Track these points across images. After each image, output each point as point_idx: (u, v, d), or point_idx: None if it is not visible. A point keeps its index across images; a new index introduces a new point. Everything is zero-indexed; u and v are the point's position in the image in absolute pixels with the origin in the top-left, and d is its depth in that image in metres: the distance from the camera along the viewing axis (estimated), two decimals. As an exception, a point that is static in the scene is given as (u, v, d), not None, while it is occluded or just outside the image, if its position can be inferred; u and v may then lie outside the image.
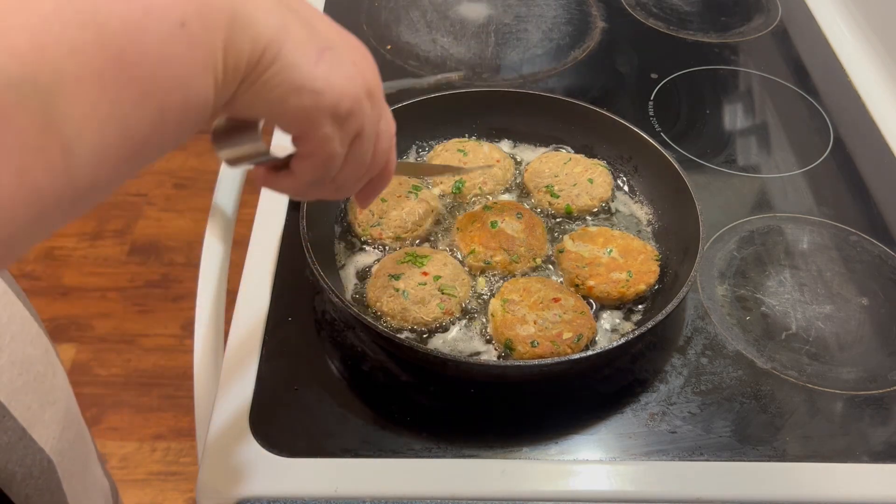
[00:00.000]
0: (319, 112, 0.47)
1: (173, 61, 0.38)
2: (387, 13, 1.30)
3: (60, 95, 0.34)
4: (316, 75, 0.46)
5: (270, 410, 0.76)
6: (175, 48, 0.38)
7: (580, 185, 0.94)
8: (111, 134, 0.36)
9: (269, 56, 0.43)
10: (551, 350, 0.77)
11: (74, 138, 0.35)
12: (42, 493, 0.74)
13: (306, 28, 0.46)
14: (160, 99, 0.38)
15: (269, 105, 0.46)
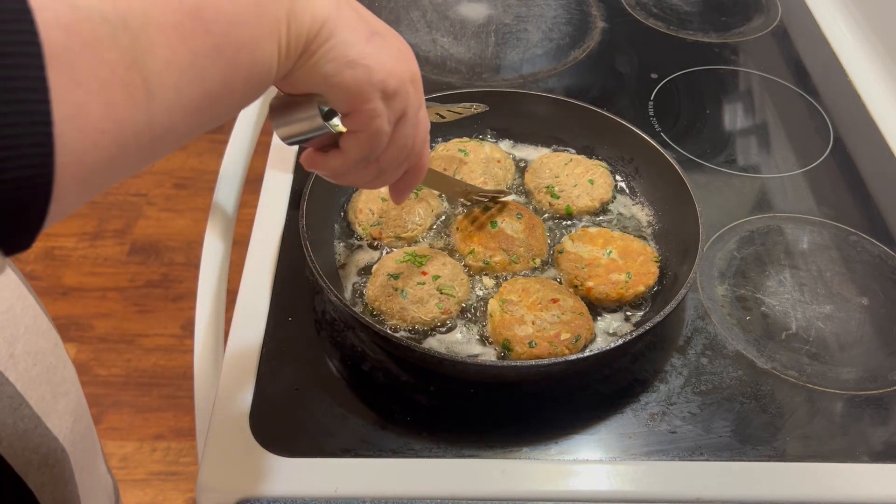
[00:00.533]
0: (370, 86, 0.51)
1: (244, 24, 0.42)
2: (387, 13, 1.30)
3: (146, 37, 0.36)
4: (367, 52, 0.50)
5: (270, 410, 0.76)
6: (245, 13, 0.42)
7: (581, 186, 0.94)
8: (188, 81, 0.39)
9: (326, 32, 0.47)
10: (549, 351, 0.77)
11: (156, 79, 0.37)
12: (56, 481, 0.75)
13: (355, 13, 0.50)
14: (231, 56, 0.42)
15: (325, 78, 0.49)
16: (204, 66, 0.40)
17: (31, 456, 0.71)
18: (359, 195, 0.92)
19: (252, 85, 0.45)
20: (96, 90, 0.35)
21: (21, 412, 0.69)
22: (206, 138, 2.64)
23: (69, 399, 0.80)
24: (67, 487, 0.78)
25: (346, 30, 0.49)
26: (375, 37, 0.51)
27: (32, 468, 0.71)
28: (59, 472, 0.76)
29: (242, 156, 1.09)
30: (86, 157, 0.35)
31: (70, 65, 0.33)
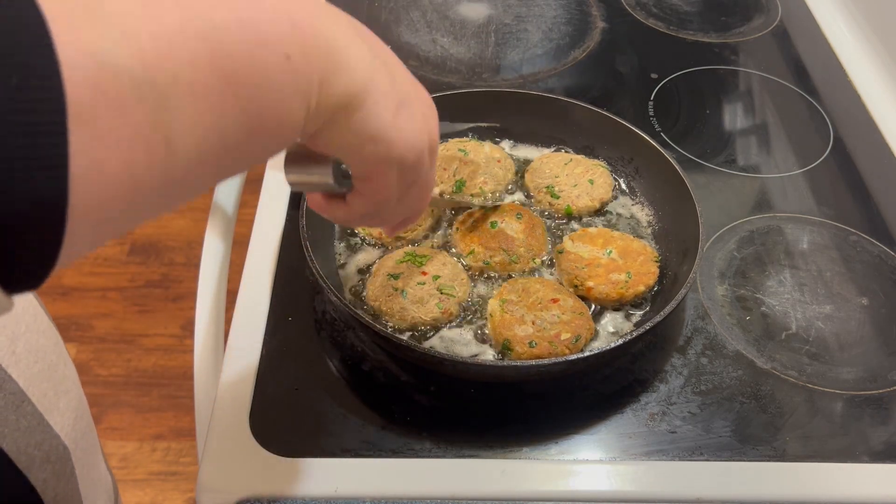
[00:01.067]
0: (389, 161, 0.51)
1: (274, 88, 0.42)
2: (387, 13, 1.31)
3: (173, 99, 0.37)
4: (392, 127, 0.50)
5: (270, 410, 0.76)
6: (278, 77, 0.42)
7: (581, 186, 0.94)
8: (210, 141, 0.40)
9: (357, 103, 0.47)
10: (549, 351, 0.77)
11: (178, 139, 0.38)
12: (58, 478, 0.75)
13: (389, 78, 0.50)
14: (257, 118, 0.42)
15: (347, 147, 0.50)
16: (228, 126, 0.40)
17: (34, 452, 0.72)
18: (359, 195, 0.92)
19: (275, 144, 0.45)
20: (116, 147, 0.35)
21: (24, 409, 0.70)
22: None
23: (70, 397, 0.80)
24: (69, 484, 0.78)
25: (377, 102, 0.48)
26: (402, 109, 0.51)
27: (35, 465, 0.72)
28: (60, 468, 0.76)
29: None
30: (100, 207, 0.35)
31: (93, 122, 0.33)
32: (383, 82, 0.49)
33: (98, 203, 0.35)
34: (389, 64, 0.51)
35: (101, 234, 0.37)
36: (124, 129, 0.35)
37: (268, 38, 0.41)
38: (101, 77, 0.33)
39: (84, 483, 0.82)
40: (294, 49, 0.42)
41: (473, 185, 0.94)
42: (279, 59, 0.41)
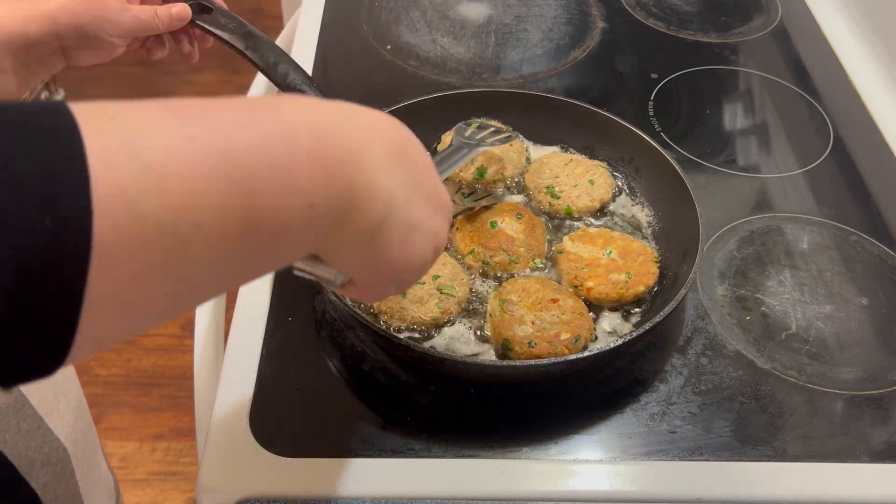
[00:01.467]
0: (386, 278, 0.54)
1: (291, 234, 0.43)
2: (387, 13, 1.31)
3: (193, 244, 0.38)
4: (397, 258, 0.51)
5: (270, 410, 0.76)
6: (297, 224, 0.43)
7: (581, 187, 0.94)
8: (221, 276, 0.42)
9: (367, 237, 0.48)
10: (548, 351, 0.77)
11: (190, 276, 0.39)
12: (59, 480, 0.75)
13: (406, 207, 0.50)
14: (268, 255, 0.44)
15: (352, 267, 0.52)
16: (239, 266, 0.42)
17: (34, 455, 0.72)
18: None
19: (282, 265, 0.47)
20: (130, 284, 0.36)
21: (24, 412, 0.70)
22: (206, 138, 2.64)
23: (70, 398, 0.80)
24: (69, 485, 0.78)
25: (387, 234, 0.49)
26: (412, 235, 0.51)
27: (35, 467, 0.72)
28: (60, 470, 0.76)
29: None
30: (105, 331, 0.37)
31: (113, 261, 0.34)
32: (398, 216, 0.49)
33: (104, 329, 0.37)
34: (412, 181, 0.51)
35: (103, 346, 0.39)
36: (141, 269, 0.36)
37: (297, 187, 0.41)
38: (128, 223, 0.35)
39: (85, 484, 0.82)
40: (319, 198, 0.43)
41: (495, 171, 0.94)
42: (303, 207, 0.42)
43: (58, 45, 0.75)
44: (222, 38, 0.90)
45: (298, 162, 0.42)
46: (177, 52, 0.91)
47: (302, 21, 1.28)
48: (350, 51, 1.23)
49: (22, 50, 0.72)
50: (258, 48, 0.91)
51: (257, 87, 1.20)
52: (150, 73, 2.86)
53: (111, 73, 2.84)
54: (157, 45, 0.87)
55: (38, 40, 0.72)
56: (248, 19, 0.93)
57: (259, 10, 3.06)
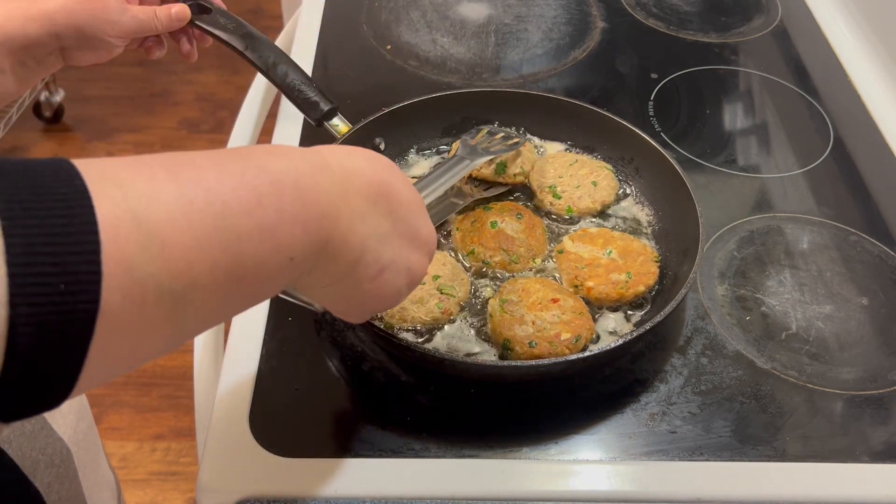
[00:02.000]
0: (359, 309, 0.59)
1: (273, 283, 0.49)
2: (387, 13, 1.31)
3: (188, 299, 0.42)
4: (368, 292, 0.56)
5: (270, 410, 0.76)
6: (279, 275, 0.48)
7: (583, 188, 0.94)
8: (210, 321, 0.46)
9: (339, 278, 0.54)
10: (549, 351, 0.77)
11: (183, 325, 0.43)
12: (62, 481, 0.76)
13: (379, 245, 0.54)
14: (252, 299, 0.48)
15: (323, 299, 0.58)
16: (225, 308, 0.47)
17: (38, 456, 0.72)
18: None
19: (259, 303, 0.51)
20: (129, 337, 0.40)
21: None
22: (205, 138, 2.64)
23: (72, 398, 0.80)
24: (73, 485, 0.78)
25: (359, 273, 0.54)
26: (384, 273, 0.56)
27: (39, 468, 0.72)
28: (64, 471, 0.76)
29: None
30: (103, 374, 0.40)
31: (116, 321, 0.38)
32: (370, 257, 0.54)
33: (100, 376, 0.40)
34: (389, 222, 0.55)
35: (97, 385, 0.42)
36: (141, 323, 0.40)
37: (281, 246, 0.46)
38: (132, 286, 0.38)
39: (87, 483, 0.82)
40: (298, 252, 0.48)
41: (514, 165, 0.94)
42: (284, 261, 0.47)
43: (56, 45, 0.74)
44: (221, 38, 0.90)
45: (283, 223, 0.46)
46: (176, 51, 0.91)
47: (302, 21, 1.28)
48: (350, 51, 1.23)
49: (20, 50, 0.72)
50: (257, 48, 0.91)
51: (257, 87, 1.20)
52: (149, 73, 2.86)
53: (111, 73, 2.84)
54: (156, 45, 0.87)
55: (37, 40, 0.72)
56: (247, 19, 0.93)
57: (259, 10, 3.06)
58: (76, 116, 2.70)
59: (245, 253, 0.44)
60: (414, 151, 1.00)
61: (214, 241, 0.42)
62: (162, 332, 0.42)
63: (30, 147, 2.62)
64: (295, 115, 0.97)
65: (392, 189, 0.55)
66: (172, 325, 0.42)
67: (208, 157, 0.45)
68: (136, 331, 0.40)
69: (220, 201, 0.43)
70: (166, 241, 0.40)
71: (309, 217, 0.48)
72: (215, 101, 2.77)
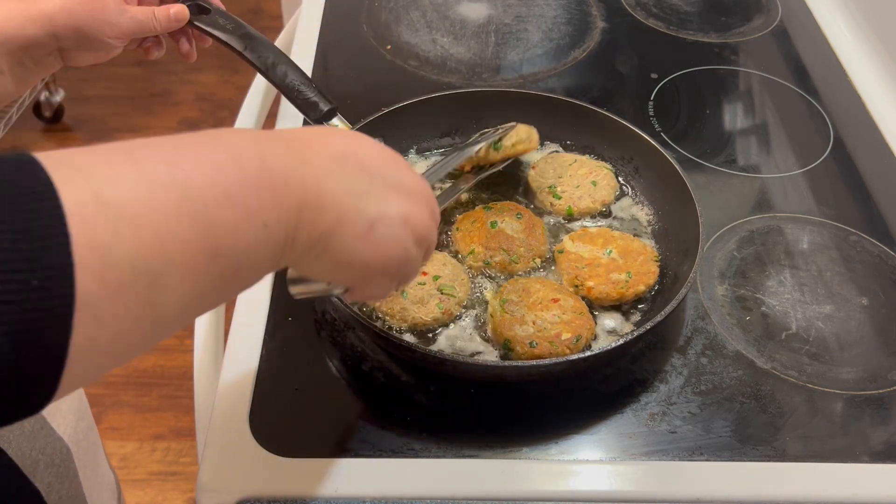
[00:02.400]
0: (369, 275, 0.55)
1: (251, 254, 0.46)
2: (387, 13, 1.30)
3: (164, 280, 0.41)
4: (363, 249, 0.53)
5: (270, 410, 0.76)
6: (254, 244, 0.46)
7: (583, 188, 0.94)
8: (193, 305, 0.45)
9: (324, 240, 0.51)
10: (549, 351, 0.77)
11: (163, 309, 0.42)
12: (62, 480, 0.76)
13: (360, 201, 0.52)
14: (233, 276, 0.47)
15: (324, 272, 0.55)
16: (207, 289, 0.45)
17: (38, 456, 0.72)
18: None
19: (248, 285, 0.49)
20: (109, 326, 0.39)
21: None
22: (206, 138, 2.64)
23: (72, 398, 0.80)
24: (73, 485, 0.78)
25: (345, 232, 0.52)
26: (376, 226, 0.53)
27: (39, 468, 0.72)
28: (64, 470, 0.76)
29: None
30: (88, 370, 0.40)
31: (94, 308, 0.38)
32: (351, 215, 0.52)
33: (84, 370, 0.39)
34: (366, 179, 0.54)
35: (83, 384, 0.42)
36: (118, 308, 0.39)
37: (251, 212, 0.45)
38: (105, 271, 0.38)
39: (87, 483, 0.82)
40: (271, 216, 0.47)
41: (509, 137, 0.93)
42: (258, 228, 0.46)
43: (55, 45, 0.74)
44: (220, 38, 0.90)
45: (248, 189, 0.45)
46: (176, 51, 0.91)
47: (302, 21, 1.28)
48: (350, 51, 1.23)
49: (19, 51, 0.72)
50: (256, 49, 0.91)
51: (257, 87, 1.20)
52: (149, 73, 2.86)
53: (110, 73, 2.84)
54: (155, 46, 0.87)
55: (36, 41, 0.72)
56: (247, 19, 0.93)
57: (259, 10, 3.06)
58: (76, 116, 2.70)
59: (216, 223, 0.43)
60: (414, 151, 1.00)
61: (182, 213, 0.42)
62: (142, 319, 0.41)
63: (30, 147, 2.62)
64: (295, 115, 0.97)
65: (358, 148, 0.54)
66: (152, 309, 0.41)
67: (165, 139, 0.45)
68: (115, 318, 0.39)
69: (182, 173, 0.42)
70: (134, 219, 0.39)
71: (274, 181, 0.47)
72: (215, 101, 2.77)
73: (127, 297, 0.39)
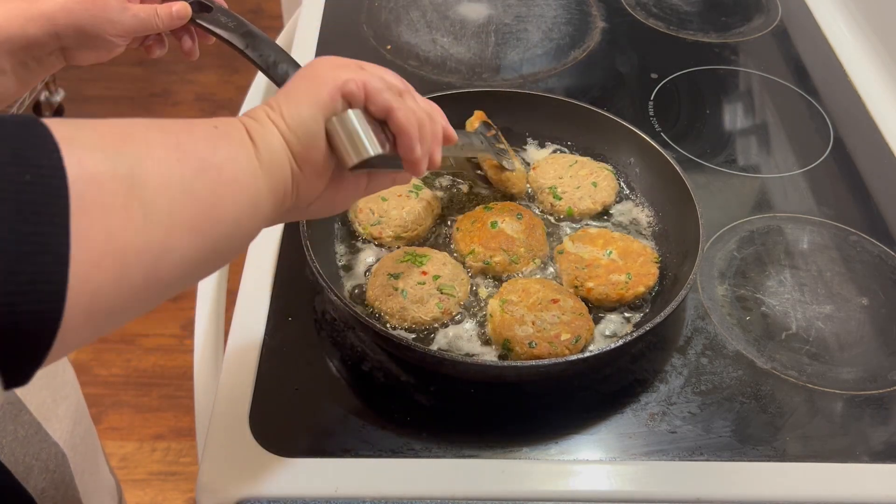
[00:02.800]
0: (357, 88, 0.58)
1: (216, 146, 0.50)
2: (387, 13, 1.30)
3: (142, 166, 0.43)
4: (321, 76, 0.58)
5: (270, 410, 0.76)
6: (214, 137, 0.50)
7: (583, 189, 0.94)
8: (179, 200, 0.45)
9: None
10: (549, 351, 0.77)
11: (150, 200, 0.43)
12: (57, 486, 0.75)
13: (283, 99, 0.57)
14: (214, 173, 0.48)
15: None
16: (191, 183, 0.47)
17: (32, 462, 0.71)
18: (359, 195, 0.92)
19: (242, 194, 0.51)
20: (99, 216, 0.40)
21: (21, 418, 0.69)
22: (206, 138, 2.63)
23: (69, 403, 0.80)
24: (69, 491, 0.78)
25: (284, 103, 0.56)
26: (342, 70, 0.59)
27: (33, 474, 0.71)
28: (59, 476, 0.76)
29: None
30: (90, 278, 0.40)
31: (81, 198, 0.39)
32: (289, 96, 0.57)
33: (88, 273, 0.40)
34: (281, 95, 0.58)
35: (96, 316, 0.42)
36: (104, 196, 0.41)
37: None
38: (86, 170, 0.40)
39: (85, 488, 0.81)
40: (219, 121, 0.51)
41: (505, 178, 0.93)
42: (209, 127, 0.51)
43: (57, 45, 0.74)
44: (222, 36, 0.90)
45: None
46: (177, 50, 0.90)
47: (302, 21, 1.28)
48: (350, 51, 1.23)
49: (21, 50, 0.72)
50: (258, 47, 0.91)
51: (257, 86, 1.20)
52: (149, 73, 2.86)
53: (111, 73, 2.84)
54: (157, 44, 0.87)
55: (38, 41, 0.72)
56: (248, 19, 0.93)
57: (259, 9, 3.06)
58: (76, 116, 2.69)
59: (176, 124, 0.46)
60: (414, 151, 1.00)
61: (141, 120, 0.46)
62: (130, 211, 0.42)
63: (30, 147, 2.61)
64: (295, 115, 0.96)
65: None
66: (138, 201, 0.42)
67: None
68: (101, 208, 0.41)
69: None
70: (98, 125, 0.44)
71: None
72: (215, 100, 2.77)
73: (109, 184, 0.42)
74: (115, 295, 0.42)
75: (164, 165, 0.45)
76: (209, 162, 0.48)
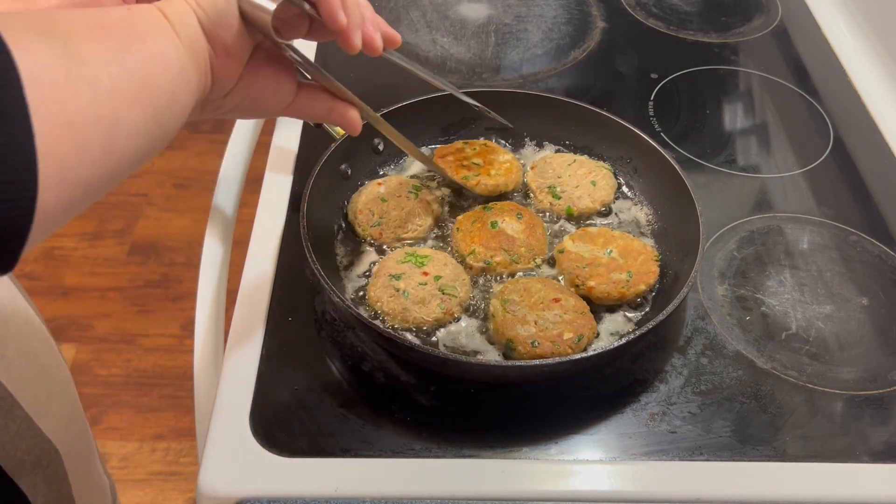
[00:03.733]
0: None
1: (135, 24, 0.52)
2: (387, 13, 1.30)
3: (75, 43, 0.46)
4: None
5: (270, 410, 0.76)
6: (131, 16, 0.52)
7: (582, 188, 0.94)
8: (116, 71, 0.48)
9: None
10: (552, 350, 0.77)
11: (94, 77, 0.46)
12: (49, 483, 0.75)
13: None
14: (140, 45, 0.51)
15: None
16: (123, 57, 0.49)
17: (24, 457, 0.71)
18: (358, 196, 0.92)
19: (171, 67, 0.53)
20: (49, 90, 0.42)
21: (13, 413, 0.69)
22: (206, 138, 2.64)
23: (64, 400, 0.80)
24: (61, 489, 0.78)
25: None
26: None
27: (25, 469, 0.71)
28: (52, 473, 0.75)
29: (242, 156, 1.09)
30: (55, 149, 0.42)
31: (29, 71, 0.41)
32: None
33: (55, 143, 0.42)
34: None
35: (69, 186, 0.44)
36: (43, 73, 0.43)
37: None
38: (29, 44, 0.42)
39: (78, 486, 0.81)
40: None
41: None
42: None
43: None
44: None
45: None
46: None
47: (302, 21, 1.28)
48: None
49: None
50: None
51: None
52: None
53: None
54: None
55: None
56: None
57: (259, 10, 3.05)
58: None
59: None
60: (414, 151, 1.00)
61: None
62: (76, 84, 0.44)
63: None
64: (295, 115, 0.96)
65: None
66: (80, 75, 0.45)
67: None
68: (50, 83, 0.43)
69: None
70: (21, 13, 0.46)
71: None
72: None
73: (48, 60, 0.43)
74: (78, 166, 0.44)
75: (94, 43, 0.47)
76: (134, 37, 0.51)
